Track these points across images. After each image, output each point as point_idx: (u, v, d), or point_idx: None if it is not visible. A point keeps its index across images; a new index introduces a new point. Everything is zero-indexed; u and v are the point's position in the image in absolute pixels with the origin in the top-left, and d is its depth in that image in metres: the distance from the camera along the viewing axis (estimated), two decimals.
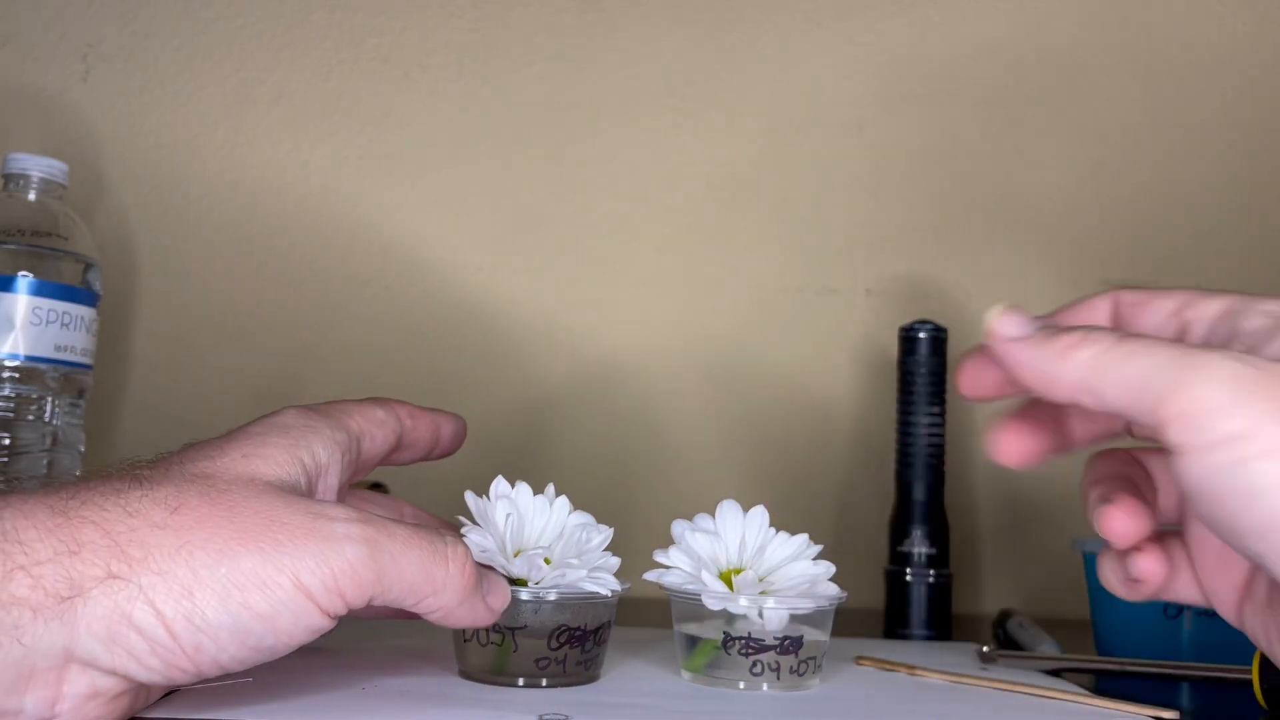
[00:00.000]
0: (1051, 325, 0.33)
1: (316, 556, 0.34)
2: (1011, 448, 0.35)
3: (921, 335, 0.72)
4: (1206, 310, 0.33)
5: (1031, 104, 0.91)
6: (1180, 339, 0.32)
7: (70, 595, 0.31)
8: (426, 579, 0.37)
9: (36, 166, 0.68)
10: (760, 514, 0.50)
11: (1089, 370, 0.30)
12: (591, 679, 0.46)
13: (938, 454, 0.71)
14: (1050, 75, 0.91)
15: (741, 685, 0.46)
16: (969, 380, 0.36)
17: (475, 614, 0.40)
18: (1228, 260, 0.90)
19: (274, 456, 0.38)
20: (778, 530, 0.49)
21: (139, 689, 0.35)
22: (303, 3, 0.90)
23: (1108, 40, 0.91)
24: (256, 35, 0.90)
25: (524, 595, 0.44)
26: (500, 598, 0.41)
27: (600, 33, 0.91)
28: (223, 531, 0.34)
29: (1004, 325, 0.33)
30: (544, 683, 0.44)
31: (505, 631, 0.44)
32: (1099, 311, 0.36)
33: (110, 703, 0.34)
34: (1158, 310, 0.34)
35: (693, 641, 0.47)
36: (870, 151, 0.90)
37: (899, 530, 0.71)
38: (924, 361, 0.72)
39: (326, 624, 0.35)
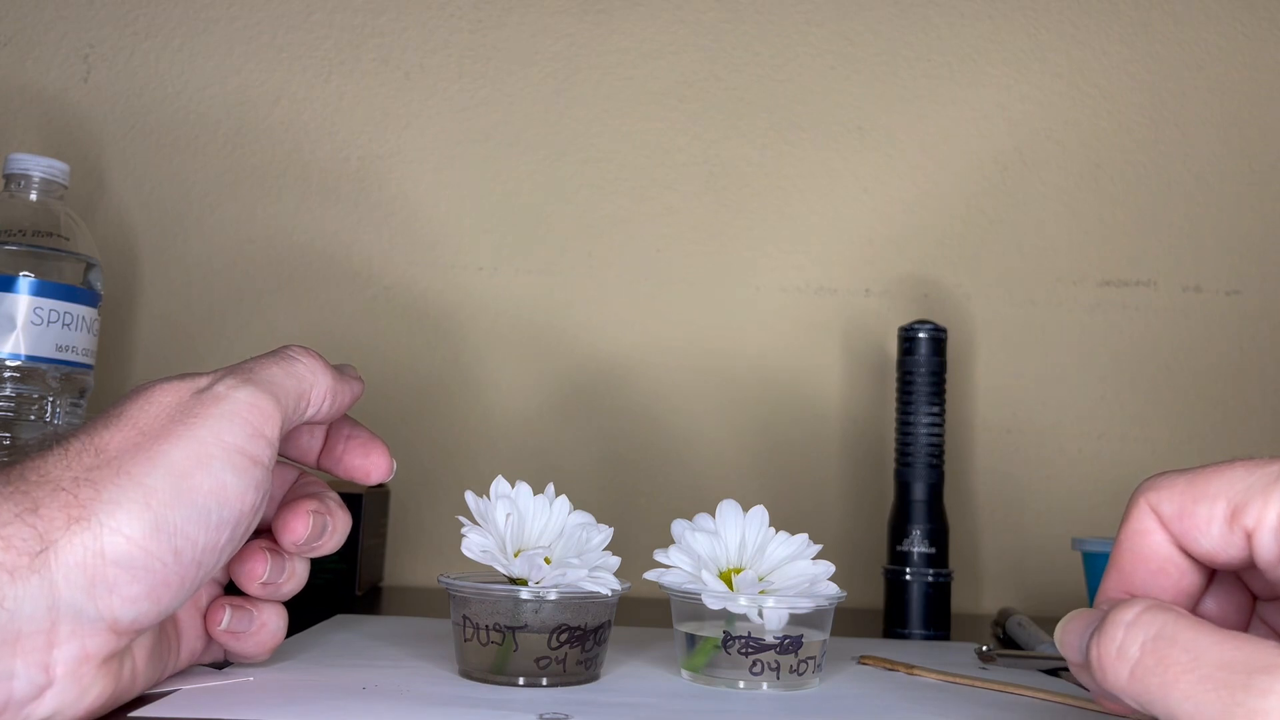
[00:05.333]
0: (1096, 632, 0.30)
1: (222, 416, 0.37)
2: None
3: (921, 335, 0.72)
4: (1268, 516, 0.30)
5: (1030, 104, 0.91)
6: (1250, 560, 0.31)
7: (41, 549, 0.32)
8: (298, 378, 0.41)
9: (38, 167, 0.68)
10: (760, 514, 0.50)
11: (1132, 689, 0.28)
12: (592, 678, 0.46)
13: (937, 454, 0.71)
14: (1049, 77, 0.91)
15: (741, 685, 0.46)
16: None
17: (351, 387, 0.44)
18: (1227, 260, 0.90)
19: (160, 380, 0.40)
20: (777, 530, 0.50)
21: (127, 655, 0.36)
22: (303, 3, 0.90)
23: (1106, 41, 0.91)
24: (256, 35, 0.90)
25: (524, 595, 0.44)
26: (352, 370, 0.45)
27: (600, 33, 0.91)
28: (144, 442, 0.36)
29: (1066, 652, 0.32)
30: (544, 682, 0.44)
31: (506, 631, 0.44)
32: (1152, 540, 0.33)
33: (102, 666, 0.34)
34: (1210, 523, 0.31)
35: (693, 641, 0.47)
36: (870, 151, 0.91)
37: (898, 530, 0.71)
38: (924, 361, 0.72)
39: (264, 473, 0.38)
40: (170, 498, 0.35)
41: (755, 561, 0.49)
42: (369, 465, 0.46)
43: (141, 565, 0.34)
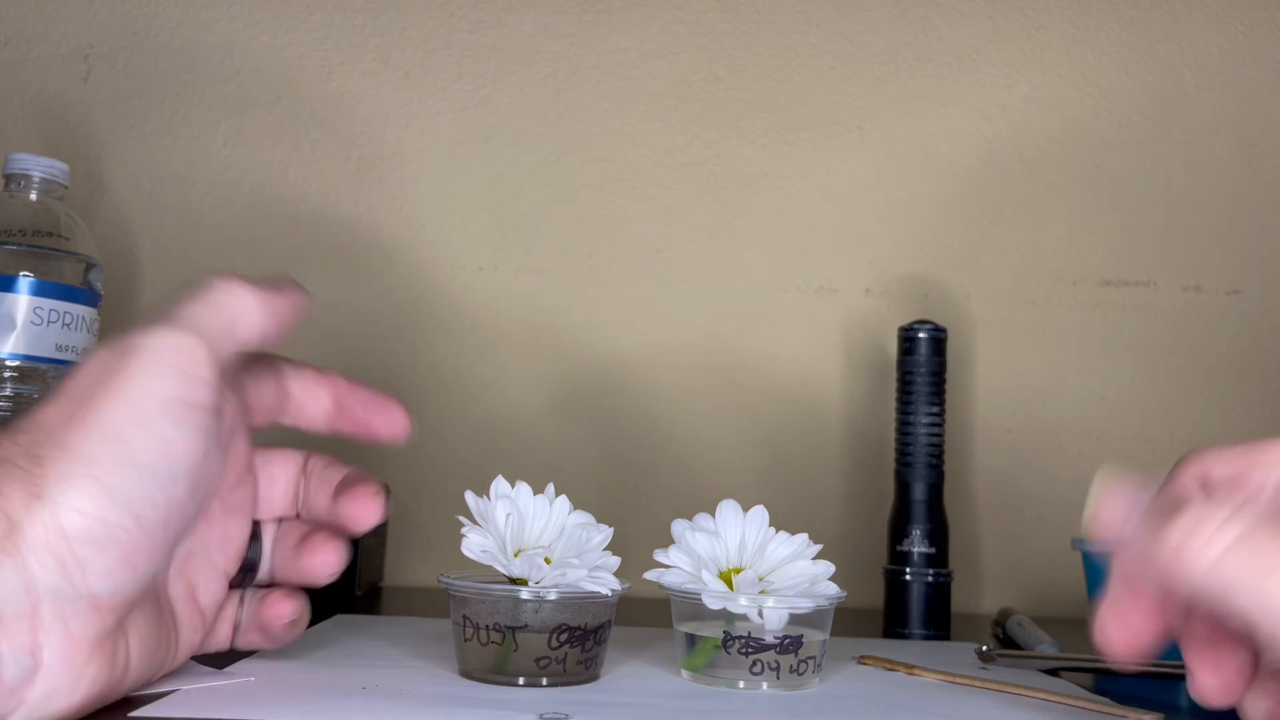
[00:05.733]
0: (1154, 507, 0.30)
1: (147, 366, 0.35)
2: (1119, 636, 0.32)
3: (921, 335, 0.72)
4: None
5: (1030, 104, 0.91)
6: None
7: (8, 531, 0.32)
8: (220, 306, 0.39)
9: (37, 167, 0.68)
10: (760, 514, 0.50)
11: (1212, 576, 0.28)
12: (592, 678, 0.46)
13: (937, 453, 0.71)
14: (1049, 77, 0.91)
15: (741, 684, 0.46)
16: (1117, 634, 0.33)
17: (288, 299, 0.41)
18: (1227, 260, 0.90)
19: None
20: (777, 530, 0.50)
21: (120, 640, 0.35)
22: (303, 3, 0.90)
23: (1106, 41, 0.91)
24: (256, 35, 0.90)
25: (524, 595, 0.44)
26: (288, 279, 0.42)
27: (600, 33, 0.91)
28: (76, 410, 0.35)
29: (1105, 521, 0.31)
30: (544, 682, 0.44)
31: (506, 631, 0.44)
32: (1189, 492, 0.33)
33: (93, 650, 0.34)
34: (1263, 488, 0.32)
35: (693, 641, 0.47)
36: (870, 151, 0.91)
37: (898, 530, 0.71)
38: (924, 361, 0.72)
39: (209, 418, 0.37)
40: (114, 465, 0.34)
41: (755, 561, 0.49)
42: (360, 512, 0.44)
43: (105, 537, 0.33)
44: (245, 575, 0.44)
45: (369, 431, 0.45)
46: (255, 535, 0.45)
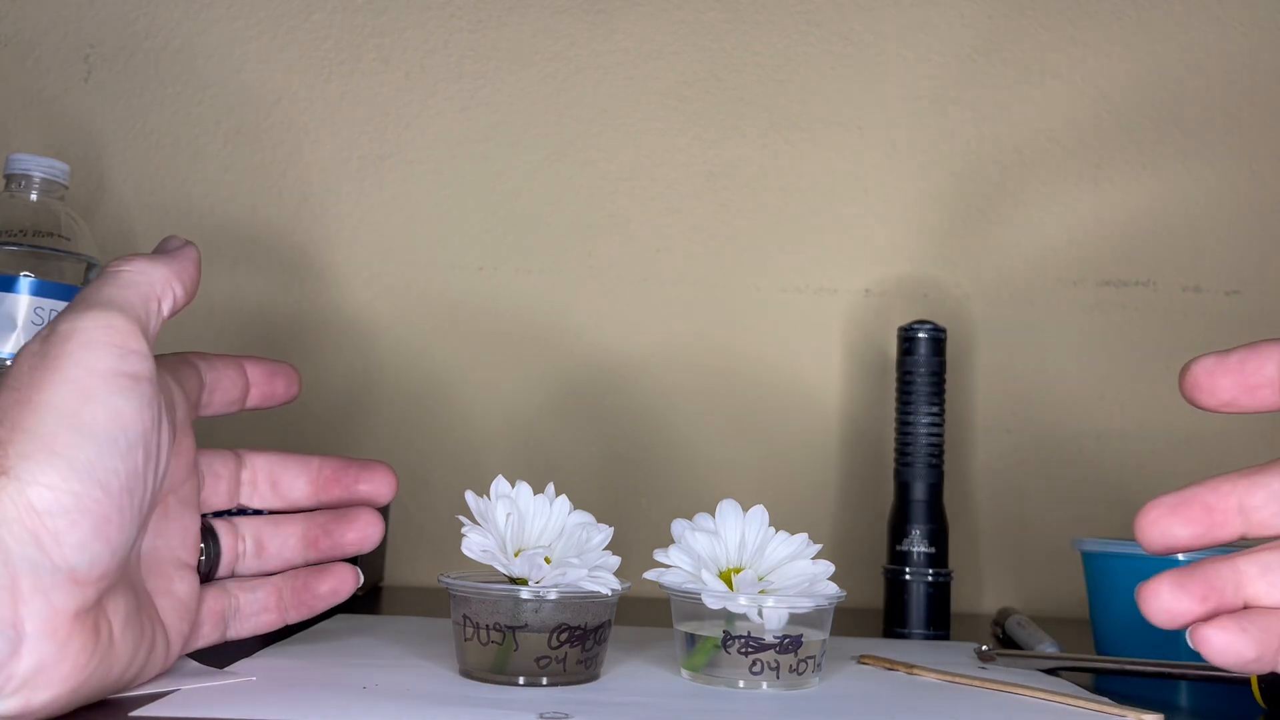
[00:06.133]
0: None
1: (82, 348, 0.36)
2: (1166, 607, 0.35)
3: (921, 335, 0.72)
4: None
5: (1027, 104, 0.91)
6: None
7: None
8: (131, 285, 0.40)
9: (38, 167, 0.68)
10: (760, 513, 0.50)
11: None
12: (592, 678, 0.46)
13: (937, 453, 0.71)
14: (1049, 77, 0.91)
15: (741, 684, 0.46)
16: (1204, 386, 0.37)
17: (185, 257, 0.43)
18: (1227, 260, 0.90)
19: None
20: (777, 530, 0.50)
21: (101, 615, 0.36)
22: (303, 3, 0.91)
23: (1106, 41, 0.92)
24: (256, 35, 0.90)
25: (525, 594, 0.44)
26: (175, 240, 0.44)
27: (600, 33, 0.91)
28: (21, 397, 0.35)
29: (1200, 364, 0.36)
30: (544, 681, 0.44)
31: (506, 630, 0.44)
32: (1269, 359, 0.37)
33: (75, 621, 0.34)
34: None
35: (692, 640, 0.47)
36: (869, 151, 0.91)
37: (898, 529, 0.71)
38: (923, 361, 0.72)
39: (150, 387, 0.38)
40: (72, 439, 0.34)
41: (755, 561, 0.49)
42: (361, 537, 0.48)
43: (75, 509, 0.34)
44: (210, 569, 0.46)
45: (271, 394, 0.48)
46: (211, 532, 0.46)
